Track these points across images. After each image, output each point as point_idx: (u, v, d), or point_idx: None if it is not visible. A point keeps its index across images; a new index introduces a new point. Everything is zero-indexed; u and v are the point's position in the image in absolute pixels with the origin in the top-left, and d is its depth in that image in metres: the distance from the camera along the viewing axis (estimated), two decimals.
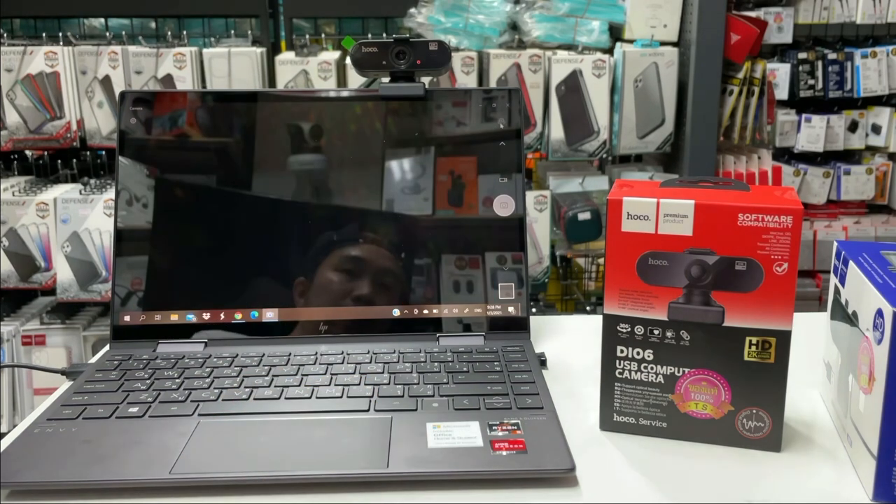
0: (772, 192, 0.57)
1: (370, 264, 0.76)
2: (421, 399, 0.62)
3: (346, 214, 0.77)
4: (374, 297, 0.76)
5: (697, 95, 1.89)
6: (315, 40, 2.07)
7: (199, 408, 0.62)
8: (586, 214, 1.87)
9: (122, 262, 0.76)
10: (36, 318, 1.95)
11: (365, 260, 0.76)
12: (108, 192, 1.84)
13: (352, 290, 0.76)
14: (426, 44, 0.76)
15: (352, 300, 0.75)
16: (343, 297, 0.76)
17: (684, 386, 0.59)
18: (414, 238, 0.76)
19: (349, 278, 0.76)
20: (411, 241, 0.76)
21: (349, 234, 0.76)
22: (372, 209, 0.77)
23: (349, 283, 0.76)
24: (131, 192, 0.76)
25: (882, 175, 2.21)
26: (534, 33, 1.89)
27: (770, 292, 0.55)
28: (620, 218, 0.57)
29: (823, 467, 0.56)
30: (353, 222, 0.77)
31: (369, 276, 0.76)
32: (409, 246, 0.76)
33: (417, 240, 0.76)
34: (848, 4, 2.07)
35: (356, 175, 0.77)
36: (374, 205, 0.77)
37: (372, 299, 0.75)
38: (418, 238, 0.76)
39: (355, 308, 0.75)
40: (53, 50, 1.84)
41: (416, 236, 0.76)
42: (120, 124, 0.77)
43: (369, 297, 0.75)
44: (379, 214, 0.77)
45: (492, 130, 0.78)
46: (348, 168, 0.77)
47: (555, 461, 0.54)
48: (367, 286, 0.76)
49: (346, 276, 0.76)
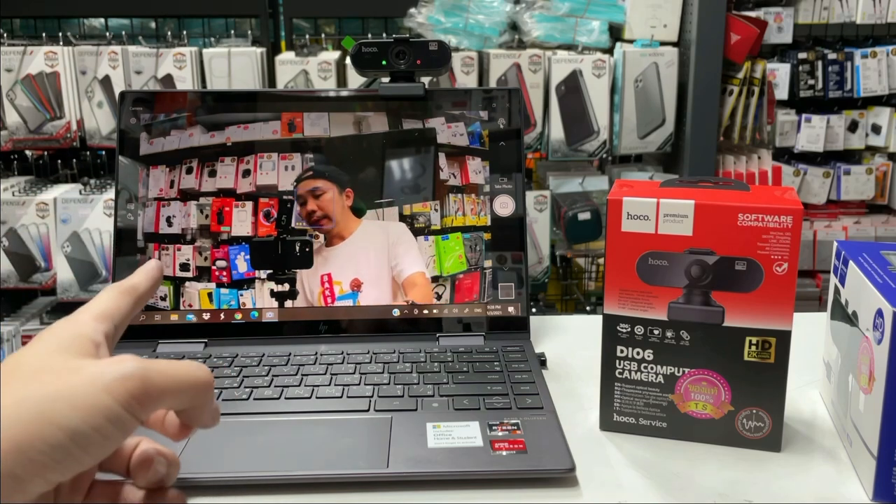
0: (772, 192, 0.57)
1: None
2: (421, 399, 0.62)
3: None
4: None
5: (697, 95, 1.89)
6: (315, 40, 2.07)
7: None
8: (586, 214, 1.88)
9: (122, 262, 0.76)
10: (36, 318, 1.95)
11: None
12: (108, 192, 1.84)
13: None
14: (426, 44, 0.76)
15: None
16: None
17: (684, 386, 0.59)
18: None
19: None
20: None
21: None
22: (372, 209, 0.77)
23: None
24: (131, 192, 0.76)
25: (882, 175, 2.21)
26: (534, 33, 1.89)
27: (770, 292, 0.55)
28: (620, 218, 0.57)
29: (823, 467, 0.56)
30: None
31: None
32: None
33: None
34: (848, 4, 2.07)
35: (356, 175, 0.77)
36: (373, 204, 0.77)
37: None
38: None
39: (355, 308, 0.75)
40: (53, 50, 1.84)
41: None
42: (120, 124, 0.77)
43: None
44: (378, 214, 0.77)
45: (492, 130, 0.78)
46: (348, 168, 0.77)
47: (555, 461, 0.54)
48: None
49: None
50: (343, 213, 0.77)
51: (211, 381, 0.38)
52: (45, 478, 0.33)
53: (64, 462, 0.33)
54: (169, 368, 0.36)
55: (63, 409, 0.33)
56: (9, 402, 0.33)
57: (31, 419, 0.32)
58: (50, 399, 0.33)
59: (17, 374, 0.35)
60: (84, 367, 0.35)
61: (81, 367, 0.35)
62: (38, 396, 0.33)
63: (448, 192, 0.77)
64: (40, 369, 0.35)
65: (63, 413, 0.33)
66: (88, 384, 0.34)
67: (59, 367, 0.35)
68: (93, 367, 0.35)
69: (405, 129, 0.78)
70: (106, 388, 0.34)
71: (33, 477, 0.32)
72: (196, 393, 0.38)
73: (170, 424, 0.41)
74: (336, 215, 0.76)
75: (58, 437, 0.32)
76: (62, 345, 0.37)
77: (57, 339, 0.37)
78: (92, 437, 0.33)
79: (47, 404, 0.33)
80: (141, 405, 0.35)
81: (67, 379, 0.34)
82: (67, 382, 0.34)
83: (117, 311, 0.42)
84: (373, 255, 0.76)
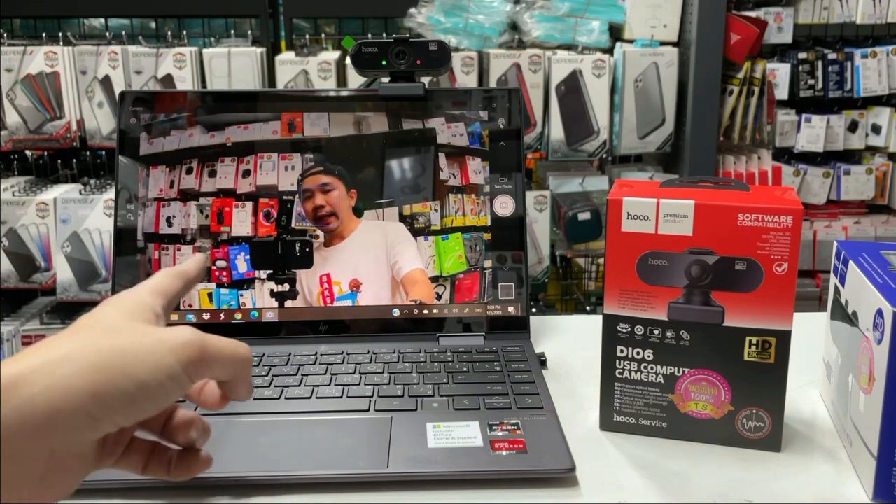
0: (772, 192, 0.57)
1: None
2: (421, 399, 0.62)
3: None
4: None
5: (697, 95, 1.89)
6: (315, 40, 2.07)
7: (198, 407, 0.61)
8: (586, 214, 1.88)
9: (122, 262, 0.76)
10: (36, 318, 1.95)
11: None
12: (108, 192, 1.84)
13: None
14: (426, 44, 0.76)
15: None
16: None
17: (684, 386, 0.59)
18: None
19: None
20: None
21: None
22: (371, 209, 0.77)
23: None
24: (131, 192, 0.76)
25: (882, 175, 2.21)
26: (534, 33, 1.89)
27: (770, 292, 0.55)
28: (620, 218, 0.57)
29: (823, 467, 0.56)
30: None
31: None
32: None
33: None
34: (848, 4, 2.07)
35: (356, 175, 0.77)
36: (373, 205, 0.77)
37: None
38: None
39: (355, 308, 0.75)
40: (53, 50, 1.84)
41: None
42: (120, 124, 0.77)
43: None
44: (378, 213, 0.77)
45: (492, 130, 0.78)
46: (348, 168, 0.77)
47: (555, 461, 0.54)
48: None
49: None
50: (347, 212, 0.77)
51: (251, 357, 0.44)
52: (113, 420, 0.38)
53: (129, 409, 0.38)
54: (220, 341, 0.42)
55: (134, 362, 0.38)
56: (87, 351, 0.37)
57: (107, 368, 0.37)
58: (122, 353, 0.38)
59: (93, 329, 0.40)
60: (151, 331, 0.40)
61: (148, 330, 0.40)
62: (112, 349, 0.38)
63: (448, 192, 0.77)
64: (112, 327, 0.40)
65: (134, 366, 0.38)
66: (157, 344, 0.39)
67: (129, 328, 0.40)
68: (160, 332, 0.40)
69: (405, 129, 0.78)
70: (171, 350, 0.39)
71: (104, 419, 0.37)
72: (240, 366, 0.43)
73: (210, 395, 0.46)
74: (342, 213, 0.77)
75: (128, 386, 0.37)
76: (129, 310, 0.42)
77: (124, 305, 0.42)
78: (155, 391, 0.38)
79: (120, 358, 0.38)
80: (197, 369, 0.40)
81: (138, 339, 0.39)
82: (138, 341, 0.39)
83: (171, 290, 0.47)
84: (372, 255, 0.76)
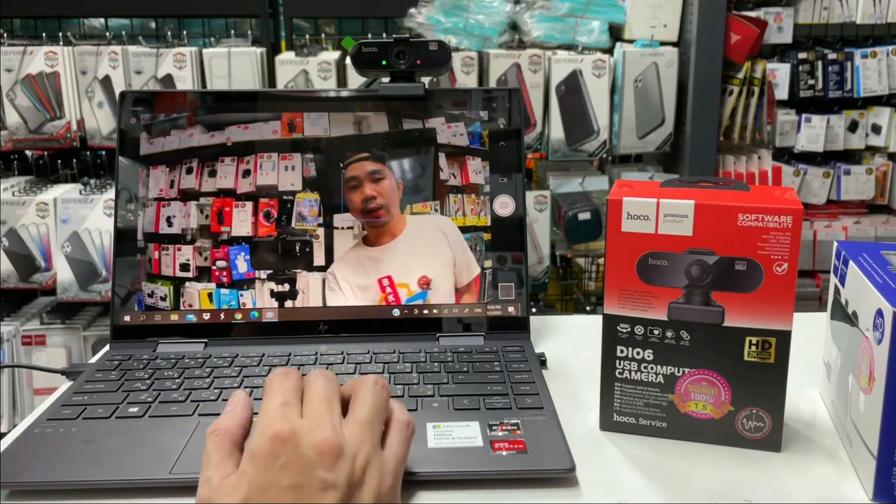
0: (772, 192, 0.57)
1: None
2: (421, 399, 0.62)
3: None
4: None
5: (697, 95, 1.89)
6: (315, 40, 2.07)
7: (199, 408, 0.62)
8: (586, 214, 1.88)
9: (122, 262, 0.76)
10: (36, 318, 1.95)
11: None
12: (108, 192, 1.84)
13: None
14: (426, 44, 0.76)
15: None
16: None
17: (684, 386, 0.59)
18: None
19: None
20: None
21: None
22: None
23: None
24: (131, 192, 0.76)
25: (882, 175, 2.21)
26: (534, 33, 1.89)
27: (770, 292, 0.55)
28: (620, 218, 0.57)
29: (823, 467, 0.56)
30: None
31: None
32: None
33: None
34: (848, 4, 2.07)
35: (356, 174, 0.77)
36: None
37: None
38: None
39: (355, 308, 0.75)
40: (53, 50, 1.84)
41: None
42: (120, 124, 0.77)
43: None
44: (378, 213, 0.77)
45: (492, 130, 0.78)
46: (348, 167, 0.77)
47: (555, 461, 0.54)
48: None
49: None
50: (398, 206, 0.76)
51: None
52: None
53: None
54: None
55: None
56: None
57: None
58: None
59: None
60: None
61: None
62: None
63: (448, 192, 0.77)
64: None
65: None
66: None
67: None
68: None
69: (405, 129, 0.78)
70: None
71: None
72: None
73: None
74: (393, 207, 0.76)
75: None
76: None
77: None
78: None
79: None
80: None
81: None
82: None
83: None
84: (436, 251, 0.75)
